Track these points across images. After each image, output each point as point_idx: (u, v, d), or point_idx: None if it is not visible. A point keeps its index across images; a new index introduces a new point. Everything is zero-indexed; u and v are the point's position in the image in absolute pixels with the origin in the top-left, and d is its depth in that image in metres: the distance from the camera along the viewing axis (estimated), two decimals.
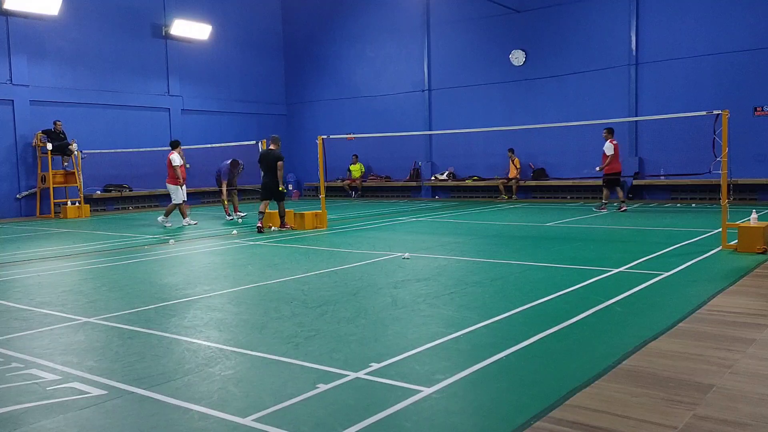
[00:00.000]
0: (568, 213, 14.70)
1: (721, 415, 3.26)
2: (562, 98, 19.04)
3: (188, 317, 5.67)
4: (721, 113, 8.78)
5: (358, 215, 15.86)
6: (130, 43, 20.43)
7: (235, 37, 23.66)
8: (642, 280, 6.66)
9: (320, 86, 24.56)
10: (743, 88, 16.36)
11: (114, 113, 20.11)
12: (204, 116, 22.63)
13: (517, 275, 7.27)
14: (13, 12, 17.56)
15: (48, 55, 18.59)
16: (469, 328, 4.98)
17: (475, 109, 20.62)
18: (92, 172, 18.92)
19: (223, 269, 8.40)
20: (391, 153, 22.15)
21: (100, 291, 7.03)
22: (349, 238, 11.19)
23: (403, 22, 22.28)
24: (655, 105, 17.45)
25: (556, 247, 9.55)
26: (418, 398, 3.56)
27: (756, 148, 16.27)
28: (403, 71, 22.41)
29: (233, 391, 3.78)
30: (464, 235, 11.36)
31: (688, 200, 16.95)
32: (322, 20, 24.28)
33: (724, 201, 8.85)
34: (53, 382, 4.01)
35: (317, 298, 6.24)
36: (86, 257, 9.78)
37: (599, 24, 18.43)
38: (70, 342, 4.96)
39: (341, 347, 4.59)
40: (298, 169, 25.21)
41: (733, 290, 6.17)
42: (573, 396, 3.54)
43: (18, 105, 17.84)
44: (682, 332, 4.76)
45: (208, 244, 10.89)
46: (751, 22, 16.25)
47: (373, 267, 8.05)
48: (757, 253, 8.12)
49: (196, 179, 21.94)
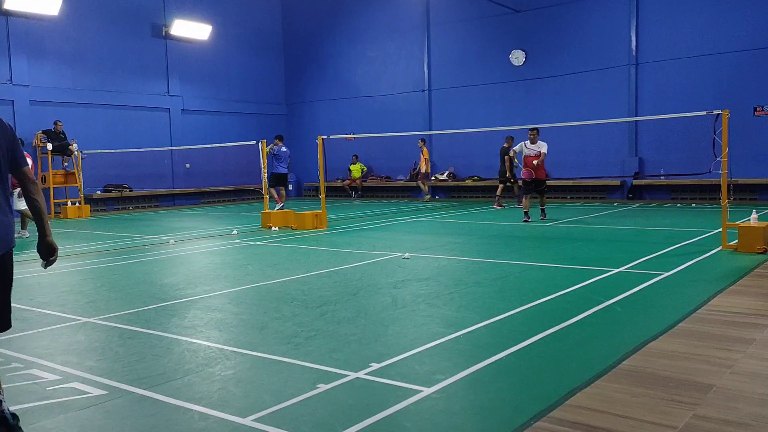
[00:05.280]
0: (568, 213, 14.70)
1: (721, 415, 3.26)
2: (562, 98, 19.04)
3: (188, 317, 5.67)
4: (721, 113, 8.78)
5: (358, 215, 15.86)
6: (130, 43, 20.43)
7: (235, 37, 23.66)
8: (642, 280, 6.66)
9: (320, 86, 24.56)
10: (743, 88, 16.36)
11: (114, 113, 20.10)
12: (204, 116, 22.63)
13: (517, 275, 7.27)
14: (13, 12, 17.55)
15: (48, 55, 18.59)
16: (469, 328, 4.98)
17: (475, 109, 20.61)
18: (92, 172, 18.92)
19: (223, 269, 8.40)
20: (391, 153, 22.14)
21: (100, 291, 7.03)
22: (349, 238, 11.19)
23: (403, 22, 22.27)
24: (655, 105, 17.44)
25: (556, 247, 9.55)
26: (418, 398, 3.56)
27: (756, 148, 16.27)
28: (403, 71, 22.41)
29: (233, 391, 3.78)
30: (464, 235, 11.35)
31: (688, 200, 16.95)
32: (322, 20, 24.28)
33: (724, 201, 8.85)
34: (53, 382, 4.01)
35: (317, 298, 6.24)
36: (86, 257, 9.78)
37: (599, 24, 18.42)
38: (70, 342, 4.96)
39: (341, 347, 4.59)
40: (299, 169, 25.22)
41: (733, 290, 6.17)
42: (573, 396, 3.54)
43: (18, 105, 17.83)
44: (682, 332, 4.76)
45: (208, 244, 10.89)
46: (751, 22, 16.25)
47: (373, 267, 8.05)
48: (757, 253, 8.12)
49: (196, 179, 22.01)
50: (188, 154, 21.32)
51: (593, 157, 18.38)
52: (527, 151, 12.78)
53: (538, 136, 12.79)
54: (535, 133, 12.75)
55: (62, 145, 17.78)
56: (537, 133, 12.77)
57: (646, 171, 17.83)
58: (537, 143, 12.73)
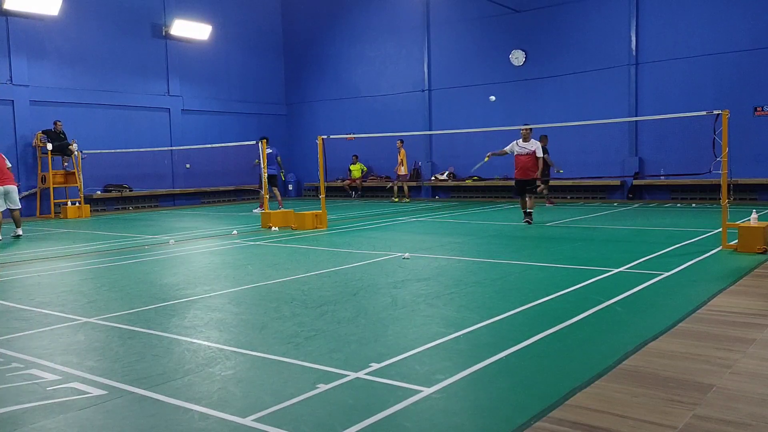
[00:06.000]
0: (568, 213, 14.70)
1: (721, 415, 3.26)
2: (562, 98, 19.04)
3: (188, 317, 5.67)
4: (721, 113, 8.78)
5: (358, 215, 15.86)
6: (130, 43, 20.43)
7: (235, 37, 23.67)
8: (642, 280, 6.66)
9: (320, 86, 24.56)
10: (743, 88, 16.36)
11: (114, 113, 20.11)
12: (204, 116, 22.64)
13: (517, 275, 7.27)
14: (13, 12, 17.56)
15: (48, 55, 18.60)
16: (469, 328, 4.98)
17: (475, 109, 20.62)
18: (92, 172, 18.92)
19: (223, 269, 8.40)
20: (391, 153, 22.15)
21: (100, 291, 7.03)
22: (349, 238, 11.19)
23: (403, 22, 22.28)
24: (655, 105, 17.45)
25: (556, 247, 9.55)
26: (418, 398, 3.56)
27: (756, 148, 16.27)
28: (403, 71, 22.41)
29: (233, 391, 3.78)
30: (464, 235, 11.36)
31: (688, 200, 16.95)
32: (322, 20, 24.29)
33: (724, 201, 8.85)
34: (53, 382, 4.01)
35: (317, 298, 6.24)
36: (86, 257, 9.78)
37: (599, 24, 18.43)
38: (70, 342, 4.96)
39: (341, 347, 4.59)
40: (299, 169, 25.22)
41: (733, 290, 6.17)
42: (573, 396, 3.54)
43: (18, 105, 17.84)
44: (682, 332, 4.76)
45: (208, 244, 10.89)
46: (751, 22, 16.26)
47: (373, 267, 8.05)
48: (757, 253, 8.12)
49: (196, 179, 22.02)
50: (188, 154, 21.32)
51: (593, 157, 18.39)
52: (519, 150, 12.38)
53: (530, 134, 12.42)
54: (528, 131, 12.36)
55: (62, 145, 17.78)
56: (530, 131, 12.40)
57: (646, 171, 17.83)
58: (530, 141, 12.34)
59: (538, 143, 12.41)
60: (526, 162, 12.27)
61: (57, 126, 17.94)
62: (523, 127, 12.46)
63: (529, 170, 12.29)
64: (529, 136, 12.35)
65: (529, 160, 12.25)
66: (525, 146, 12.33)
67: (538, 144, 12.41)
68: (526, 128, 12.37)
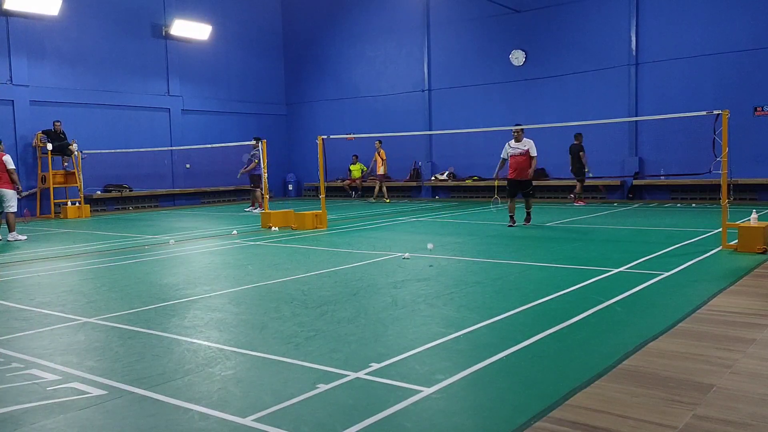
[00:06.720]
0: (568, 213, 14.70)
1: (721, 415, 3.26)
2: (562, 98, 19.04)
3: (188, 317, 5.67)
4: (721, 113, 8.78)
5: (358, 215, 15.86)
6: (130, 43, 20.44)
7: (235, 37, 23.67)
8: (642, 280, 6.66)
9: (320, 86, 24.56)
10: (743, 88, 16.36)
11: (114, 113, 20.11)
12: (204, 116, 22.64)
13: (517, 275, 7.27)
14: (13, 12, 17.56)
15: (48, 55, 18.60)
16: (469, 328, 4.98)
17: (475, 109, 20.62)
18: (92, 172, 18.93)
19: (223, 269, 8.40)
20: (391, 153, 22.15)
21: (100, 291, 7.03)
22: (349, 238, 11.19)
23: (403, 22, 22.28)
24: (655, 105, 17.45)
25: (556, 247, 9.55)
26: (418, 398, 3.56)
27: (756, 148, 16.27)
28: (403, 71, 22.41)
29: (233, 391, 3.78)
30: (464, 235, 11.36)
31: (688, 200, 16.95)
32: (322, 20, 24.29)
33: (724, 201, 8.85)
34: (53, 382, 4.01)
35: (317, 298, 6.24)
36: (86, 257, 9.78)
37: (599, 24, 18.43)
38: (70, 342, 4.96)
39: (341, 347, 4.59)
40: (299, 169, 25.22)
41: (733, 290, 6.17)
42: (573, 396, 3.54)
43: (18, 105, 17.85)
44: (682, 332, 4.76)
45: (208, 244, 10.89)
46: (751, 22, 16.26)
47: (373, 267, 8.05)
48: (757, 253, 8.12)
49: (196, 179, 22.02)
50: (188, 154, 21.33)
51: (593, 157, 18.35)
52: (512, 151, 12.19)
53: (522, 134, 12.21)
54: (520, 132, 12.18)
55: (62, 145, 17.78)
56: (522, 131, 12.21)
57: (646, 171, 17.83)
58: (522, 141, 12.15)
59: (531, 142, 12.24)
60: (520, 162, 12.12)
61: (57, 126, 17.94)
62: (515, 127, 12.33)
63: (524, 170, 12.13)
64: (521, 136, 12.20)
65: (524, 159, 12.12)
66: (518, 146, 12.17)
67: (531, 143, 12.23)
68: (517, 129, 12.24)
